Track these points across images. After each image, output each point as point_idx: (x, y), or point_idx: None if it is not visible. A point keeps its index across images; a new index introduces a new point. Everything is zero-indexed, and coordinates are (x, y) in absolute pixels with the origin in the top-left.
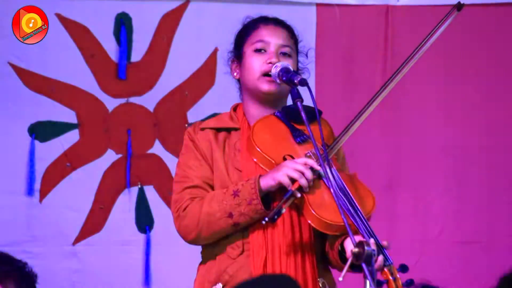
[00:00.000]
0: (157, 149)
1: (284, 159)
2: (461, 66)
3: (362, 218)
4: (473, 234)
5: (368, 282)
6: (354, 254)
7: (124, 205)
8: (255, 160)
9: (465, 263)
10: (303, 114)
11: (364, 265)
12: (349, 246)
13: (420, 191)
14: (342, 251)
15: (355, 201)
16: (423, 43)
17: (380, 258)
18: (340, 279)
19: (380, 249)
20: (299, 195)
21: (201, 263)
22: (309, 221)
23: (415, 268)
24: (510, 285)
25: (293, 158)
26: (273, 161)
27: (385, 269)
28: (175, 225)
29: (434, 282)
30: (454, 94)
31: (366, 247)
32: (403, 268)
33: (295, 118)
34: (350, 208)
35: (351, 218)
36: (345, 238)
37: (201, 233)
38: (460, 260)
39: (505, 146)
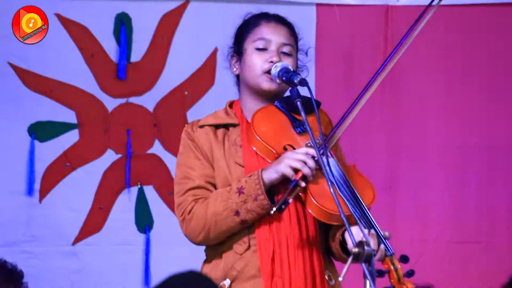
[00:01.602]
0: (157, 149)
1: (285, 149)
2: (461, 66)
3: (363, 208)
4: (473, 234)
5: (368, 282)
6: (354, 254)
7: (124, 205)
8: (254, 149)
9: (465, 263)
10: (303, 114)
11: (364, 265)
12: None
13: (420, 191)
14: (343, 242)
15: (356, 191)
16: (408, 32)
17: (382, 248)
18: (340, 279)
19: (382, 239)
20: (303, 184)
21: (205, 262)
22: (310, 211)
23: (414, 269)
24: None
25: (293, 148)
26: (274, 151)
27: (387, 259)
28: (181, 229)
29: (434, 282)
30: (454, 94)
31: (366, 247)
32: (404, 259)
33: (295, 108)
34: (351, 198)
35: (351, 208)
36: (345, 229)
37: (209, 234)
38: (460, 260)
39: (505, 146)
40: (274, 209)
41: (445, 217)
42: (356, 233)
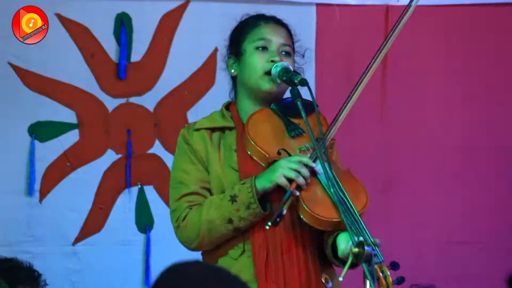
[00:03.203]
0: (157, 149)
1: (279, 153)
2: (461, 66)
3: (354, 214)
4: (473, 234)
5: (368, 282)
6: (354, 254)
7: (124, 205)
8: (249, 153)
9: (465, 263)
10: (303, 114)
11: (364, 265)
12: (341, 242)
13: (419, 191)
14: (334, 247)
15: (348, 197)
16: (398, 22)
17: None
18: (340, 279)
19: (372, 246)
20: (298, 193)
21: None
22: (301, 216)
23: (414, 268)
24: None
25: (287, 152)
26: (267, 155)
27: (376, 266)
28: (176, 235)
29: (432, 282)
30: (455, 93)
31: (366, 247)
32: (394, 266)
33: (291, 112)
34: (342, 204)
35: (343, 214)
36: (337, 234)
37: (203, 241)
38: (460, 260)
39: (505, 146)
40: (270, 223)
41: (445, 217)
42: (344, 239)
